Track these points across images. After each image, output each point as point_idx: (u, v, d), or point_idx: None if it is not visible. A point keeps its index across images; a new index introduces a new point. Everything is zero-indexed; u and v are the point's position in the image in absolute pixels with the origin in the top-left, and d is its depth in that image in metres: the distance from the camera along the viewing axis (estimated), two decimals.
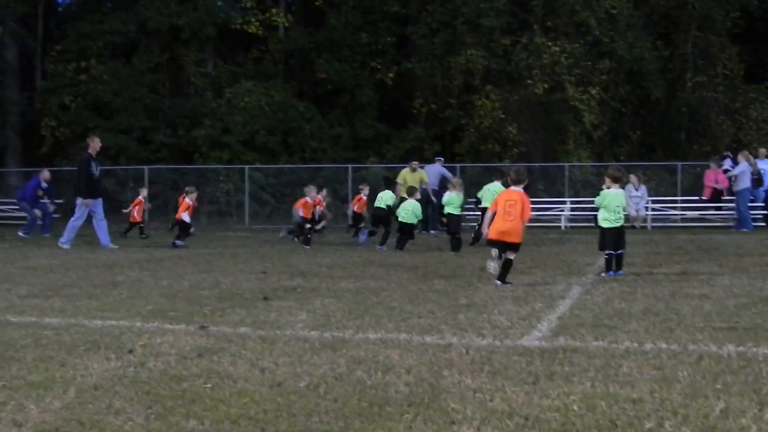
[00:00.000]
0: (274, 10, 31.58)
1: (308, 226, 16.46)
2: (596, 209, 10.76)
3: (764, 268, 10.63)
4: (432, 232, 21.30)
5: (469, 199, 17.30)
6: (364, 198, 18.79)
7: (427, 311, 6.99)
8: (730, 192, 22.87)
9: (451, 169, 25.37)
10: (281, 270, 11.00)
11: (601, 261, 10.36)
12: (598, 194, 10.55)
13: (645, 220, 22.94)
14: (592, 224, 16.55)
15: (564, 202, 24.31)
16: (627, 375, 4.56)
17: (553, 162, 27.47)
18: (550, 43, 28.72)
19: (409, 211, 15.26)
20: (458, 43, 29.96)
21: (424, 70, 30.49)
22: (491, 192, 14.50)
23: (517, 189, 9.30)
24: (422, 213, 18.18)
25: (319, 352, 5.24)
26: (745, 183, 20.83)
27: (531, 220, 16.23)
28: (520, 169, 9.89)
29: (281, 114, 30.00)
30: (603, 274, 9.83)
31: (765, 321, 6.26)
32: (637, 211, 22.39)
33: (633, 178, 22.86)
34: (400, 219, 15.40)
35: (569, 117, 28.76)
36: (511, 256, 8.99)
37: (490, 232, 9.06)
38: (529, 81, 28.69)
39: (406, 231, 15.23)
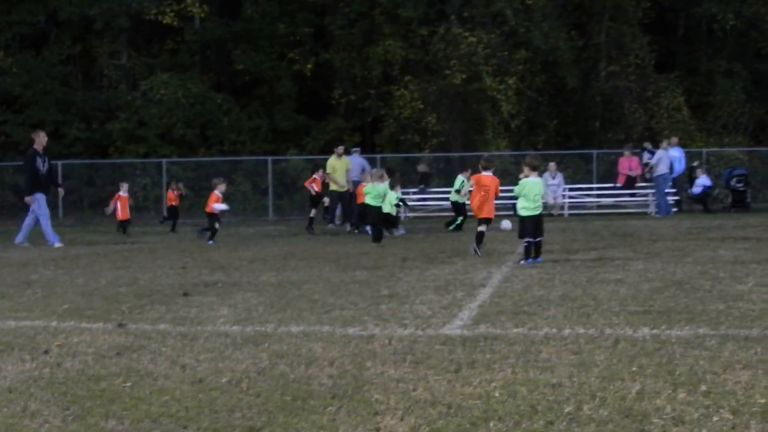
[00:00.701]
0: (189, 1, 31.05)
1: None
2: (515, 198, 10.92)
3: (676, 252, 10.94)
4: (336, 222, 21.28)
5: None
6: (318, 178, 19.38)
7: (350, 303, 6.99)
8: (644, 179, 23.55)
9: (372, 160, 25.41)
10: (201, 265, 10.86)
11: (521, 249, 10.52)
12: (517, 183, 10.70)
13: (562, 208, 23.39)
14: (512, 213, 16.80)
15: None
16: (546, 360, 4.64)
17: (472, 151, 27.72)
18: (467, 34, 28.95)
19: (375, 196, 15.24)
20: (376, 34, 30.00)
21: (342, 61, 30.44)
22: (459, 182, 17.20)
23: (489, 174, 11.74)
24: (344, 204, 18.29)
25: (240, 347, 5.20)
26: (662, 169, 21.49)
27: (448, 209, 16.48)
28: (490, 158, 12.98)
29: (198, 106, 29.57)
30: (522, 262, 9.98)
31: (678, 304, 6.44)
32: (554, 198, 22.86)
33: (551, 166, 23.28)
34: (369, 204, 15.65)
35: (487, 107, 29.08)
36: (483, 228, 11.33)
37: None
38: (447, 71, 28.89)
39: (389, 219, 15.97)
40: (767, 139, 33.03)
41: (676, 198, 22.85)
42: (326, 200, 19.75)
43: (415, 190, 24.41)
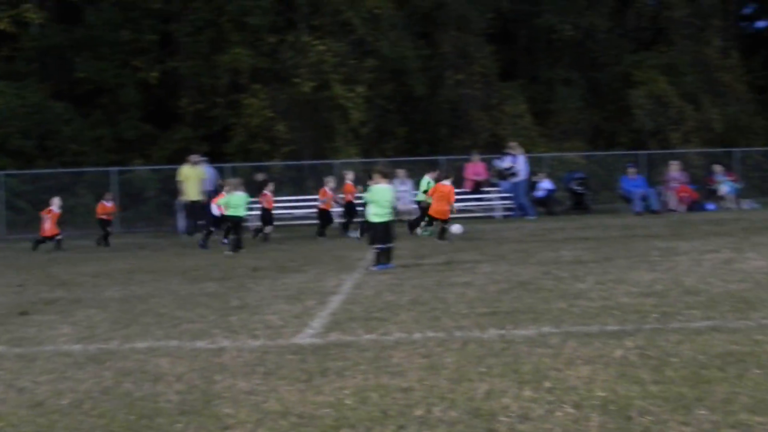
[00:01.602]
0: (26, 6, 29.63)
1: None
2: (366, 204, 10.98)
3: (521, 254, 11.29)
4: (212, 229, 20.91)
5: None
6: (269, 194, 18.40)
7: (198, 315, 6.83)
8: (489, 183, 24.27)
9: (220, 170, 25.01)
10: (41, 281, 10.36)
11: (372, 255, 10.58)
12: (367, 190, 10.77)
13: (411, 213, 23.71)
14: (362, 219, 16.92)
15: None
16: (397, 365, 4.67)
17: (323, 159, 27.76)
18: (316, 42, 28.95)
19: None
20: (224, 42, 29.52)
21: (189, 69, 29.80)
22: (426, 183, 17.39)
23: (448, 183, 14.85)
24: (197, 214, 17.89)
25: (83, 367, 4.98)
26: (523, 175, 22.31)
27: (300, 218, 16.40)
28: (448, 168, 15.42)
29: (37, 116, 28.21)
30: (373, 268, 10.04)
31: (523, 304, 6.64)
32: (404, 204, 23.16)
33: (400, 172, 23.57)
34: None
35: (337, 115, 29.14)
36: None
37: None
38: (296, 79, 28.77)
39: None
40: (604, 143, 34.67)
41: (514, 203, 23.62)
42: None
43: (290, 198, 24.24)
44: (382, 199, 10.39)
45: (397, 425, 3.55)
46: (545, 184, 24.37)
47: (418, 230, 16.59)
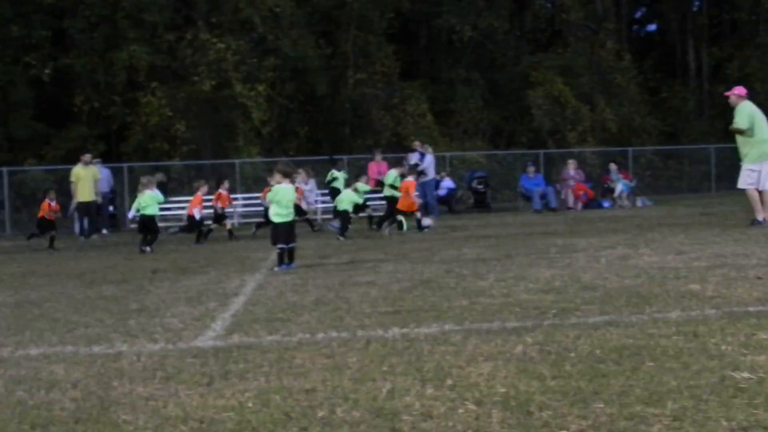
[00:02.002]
0: None
1: None
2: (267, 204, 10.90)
3: (424, 252, 11.38)
4: (104, 231, 20.46)
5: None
6: (225, 192, 17.92)
7: (95, 320, 6.64)
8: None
9: (119, 169, 24.49)
10: None
11: (274, 255, 10.50)
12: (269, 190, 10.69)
13: (315, 212, 23.66)
14: (264, 220, 16.80)
15: (236, 199, 24.35)
16: (300, 366, 4.62)
17: (224, 159, 27.44)
18: (215, 40, 28.60)
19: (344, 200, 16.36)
20: (120, 38, 28.86)
21: (84, 66, 29.02)
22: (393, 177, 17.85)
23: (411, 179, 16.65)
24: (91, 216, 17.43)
25: None
26: (431, 174, 22.56)
27: (203, 218, 16.19)
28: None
29: None
30: (276, 269, 9.96)
31: (425, 302, 6.68)
32: (308, 204, 23.07)
33: (302, 172, 23.48)
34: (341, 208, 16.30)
35: (238, 114, 28.87)
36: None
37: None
38: (195, 78, 28.37)
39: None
40: (504, 143, 35.36)
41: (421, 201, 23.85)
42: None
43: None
44: (284, 199, 10.32)
45: (300, 427, 3.51)
46: (447, 183, 24.68)
47: (386, 230, 16.20)
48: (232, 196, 23.99)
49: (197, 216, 16.16)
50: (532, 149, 30.38)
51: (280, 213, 10.31)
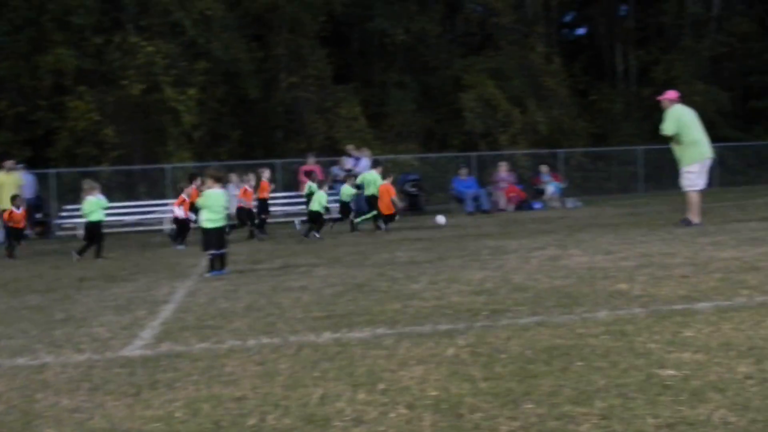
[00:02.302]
0: None
1: None
2: (199, 209, 10.76)
3: (357, 256, 11.36)
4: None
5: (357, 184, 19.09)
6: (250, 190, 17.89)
7: (19, 331, 6.46)
8: (330, 187, 24.32)
9: (45, 176, 23.94)
10: None
11: (205, 261, 10.37)
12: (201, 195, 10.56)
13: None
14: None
15: (167, 204, 24.01)
16: (231, 374, 4.57)
17: (154, 164, 27.01)
18: (144, 43, 28.11)
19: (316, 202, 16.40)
20: (46, 41, 28.17)
21: (8, 70, 28.24)
22: (372, 180, 18.49)
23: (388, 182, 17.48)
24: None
25: None
26: None
27: (134, 224, 15.91)
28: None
29: None
30: (207, 275, 9.84)
31: (358, 307, 6.66)
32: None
33: (233, 177, 23.28)
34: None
35: (168, 118, 28.40)
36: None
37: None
38: (124, 81, 27.84)
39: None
40: (436, 145, 35.52)
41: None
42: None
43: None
44: (215, 204, 10.21)
45: None
46: None
47: (382, 227, 17.19)
48: (162, 201, 23.72)
49: (180, 215, 15.95)
50: (465, 152, 30.59)
51: (211, 218, 10.19)
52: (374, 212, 18.07)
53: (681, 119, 13.65)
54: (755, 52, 41.09)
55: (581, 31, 51.73)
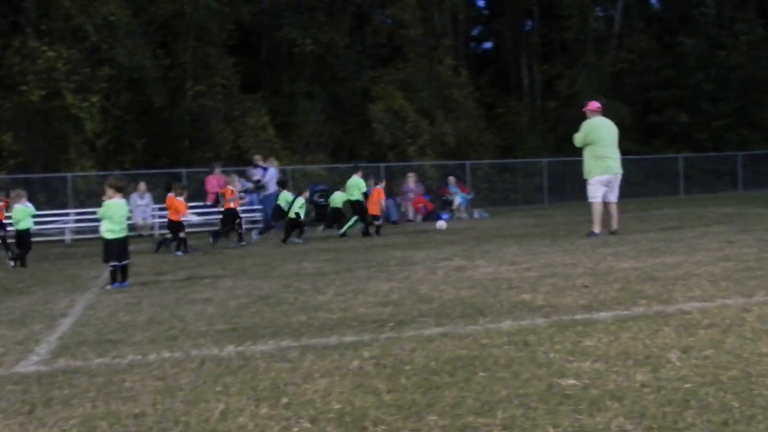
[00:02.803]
0: None
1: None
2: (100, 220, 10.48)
3: (264, 267, 11.25)
4: None
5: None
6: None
7: None
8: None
9: None
10: None
11: (107, 273, 10.10)
12: (101, 205, 10.28)
13: (152, 228, 23.03)
14: (99, 236, 16.33)
15: (68, 214, 23.36)
16: (130, 390, 4.44)
17: (55, 173, 26.25)
18: (45, 48, 27.34)
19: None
20: None
21: None
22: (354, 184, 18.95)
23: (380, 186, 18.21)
24: None
25: None
26: (272, 187, 22.36)
27: (34, 234, 15.41)
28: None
29: None
30: (108, 287, 9.58)
31: (263, 319, 6.58)
32: (144, 219, 22.45)
33: (141, 186, 22.85)
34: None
35: (70, 125, 27.68)
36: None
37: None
38: (23, 87, 27.02)
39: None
40: (345, 156, 35.58)
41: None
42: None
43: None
44: (116, 215, 9.95)
45: None
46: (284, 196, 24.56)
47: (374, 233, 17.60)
48: (63, 211, 23.07)
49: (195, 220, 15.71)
50: (373, 162, 30.73)
51: (112, 229, 9.94)
52: (356, 218, 18.21)
53: (593, 132, 13.81)
54: (654, 68, 42.58)
55: (488, 44, 52.67)
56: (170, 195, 15.61)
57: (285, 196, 18.57)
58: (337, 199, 19.87)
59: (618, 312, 5.98)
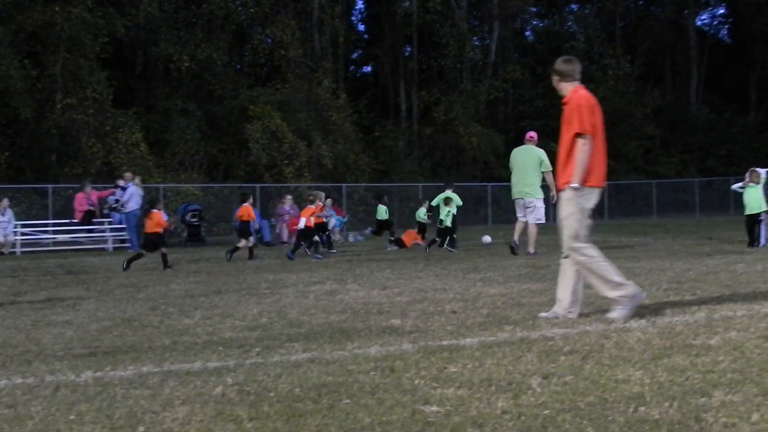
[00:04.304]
0: None
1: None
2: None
3: (130, 288, 10.92)
4: None
5: None
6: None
7: None
8: (102, 214, 23.37)
9: None
10: None
11: None
12: None
13: (13, 246, 22.04)
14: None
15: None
16: None
17: None
18: None
19: None
20: None
21: None
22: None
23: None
24: None
25: None
26: (133, 206, 21.71)
27: None
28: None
29: None
30: None
31: (125, 343, 6.36)
32: (4, 236, 21.49)
33: (5, 202, 21.87)
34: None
35: None
36: None
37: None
38: None
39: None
40: (220, 175, 35.12)
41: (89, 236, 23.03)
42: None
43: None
44: None
45: None
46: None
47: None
48: None
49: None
50: (249, 183, 30.44)
51: None
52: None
53: (511, 159, 15.68)
54: (527, 98, 43.94)
55: (368, 69, 53.18)
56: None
57: (381, 210, 21.03)
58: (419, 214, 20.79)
59: (483, 338, 6.06)
